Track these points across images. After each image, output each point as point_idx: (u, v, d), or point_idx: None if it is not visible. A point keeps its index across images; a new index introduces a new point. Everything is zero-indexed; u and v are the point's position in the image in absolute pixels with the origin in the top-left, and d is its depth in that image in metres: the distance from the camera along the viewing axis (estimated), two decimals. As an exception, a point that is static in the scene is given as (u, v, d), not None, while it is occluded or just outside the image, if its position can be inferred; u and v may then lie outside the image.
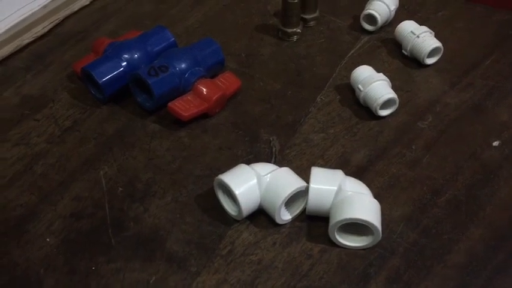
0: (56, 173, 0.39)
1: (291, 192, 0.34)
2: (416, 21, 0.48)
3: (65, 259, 0.34)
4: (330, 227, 0.33)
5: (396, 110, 0.43)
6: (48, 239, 0.35)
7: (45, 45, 0.50)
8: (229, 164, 0.38)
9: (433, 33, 0.47)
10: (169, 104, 0.41)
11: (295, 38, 0.50)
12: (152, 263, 0.34)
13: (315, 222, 0.35)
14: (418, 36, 0.46)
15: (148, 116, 0.43)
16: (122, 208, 0.37)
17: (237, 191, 0.34)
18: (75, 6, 0.54)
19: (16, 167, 0.39)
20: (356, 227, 0.33)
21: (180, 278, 0.33)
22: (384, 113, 0.42)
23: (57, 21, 0.52)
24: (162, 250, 0.34)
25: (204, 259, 0.34)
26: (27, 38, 0.50)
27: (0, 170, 0.39)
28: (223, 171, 0.36)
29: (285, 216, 0.35)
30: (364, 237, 0.34)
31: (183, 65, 0.43)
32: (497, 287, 0.32)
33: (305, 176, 0.36)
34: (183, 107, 0.42)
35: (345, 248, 0.34)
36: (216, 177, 0.36)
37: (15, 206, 0.37)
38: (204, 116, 0.42)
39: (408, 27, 0.47)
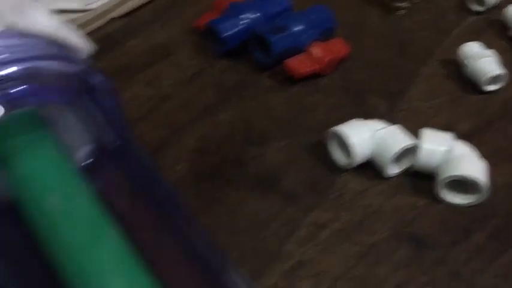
0: (181, 114, 0.43)
1: (403, 147, 0.37)
2: (525, 5, 0.49)
3: (193, 186, 0.38)
4: (438, 181, 0.36)
5: (503, 86, 0.44)
6: (179, 167, 0.39)
7: (169, 1, 0.54)
8: (339, 121, 0.40)
9: (544, 16, 0.48)
10: (286, 61, 0.45)
11: (402, 12, 0.52)
12: (269, 196, 0.37)
13: (420, 179, 0.38)
14: (528, 19, 0.47)
15: (263, 72, 0.47)
16: (241, 149, 0.41)
17: (351, 141, 0.37)
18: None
19: (148, 105, 0.44)
20: (461, 185, 0.36)
21: (294, 211, 0.36)
22: (491, 88, 0.44)
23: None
24: (278, 187, 0.38)
25: (316, 199, 0.37)
26: (153, -6, 0.55)
27: (136, 105, 0.44)
28: (333, 126, 0.39)
29: (394, 169, 0.38)
30: (468, 196, 0.36)
31: (299, 28, 0.46)
32: None
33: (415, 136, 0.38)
34: (297, 65, 0.45)
35: (448, 205, 0.37)
36: (331, 129, 0.39)
37: (148, 139, 0.42)
38: (315, 76, 0.46)
39: (518, 9, 0.48)
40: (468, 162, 0.36)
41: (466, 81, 0.45)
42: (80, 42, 0.31)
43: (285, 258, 0.34)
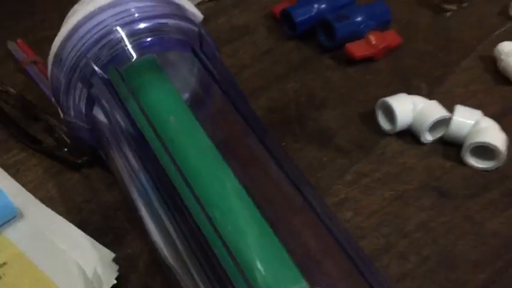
0: (257, 80, 0.53)
1: (438, 118, 0.45)
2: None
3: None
4: (463, 147, 0.44)
5: (530, 81, 0.52)
6: (253, 119, 0.49)
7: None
8: (386, 96, 0.49)
9: None
10: (347, 44, 0.54)
11: (449, 14, 0.60)
12: (324, 149, 0.47)
13: (450, 146, 0.46)
14: (561, 26, 0.54)
15: (325, 53, 0.56)
16: (303, 111, 0.50)
17: (396, 110, 0.46)
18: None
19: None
20: (484, 153, 0.44)
21: (344, 162, 0.45)
22: (520, 80, 0.51)
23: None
24: (332, 143, 0.47)
25: (362, 154, 0.46)
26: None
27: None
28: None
29: (428, 137, 0.46)
30: (489, 162, 0.44)
31: (360, 18, 0.55)
32: None
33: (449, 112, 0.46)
34: (356, 49, 0.54)
35: (471, 168, 0.44)
36: (381, 99, 0.47)
37: (229, 95, 0.52)
38: (370, 59, 0.54)
39: (554, 17, 0.55)
40: (490, 133, 0.43)
41: (500, 75, 0.53)
42: (193, 8, 0.42)
43: (334, 195, 0.43)
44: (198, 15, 0.42)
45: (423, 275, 0.38)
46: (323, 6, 0.57)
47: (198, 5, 0.62)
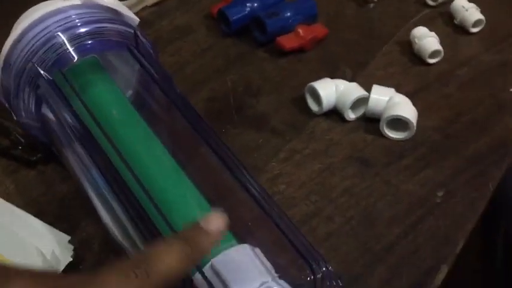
0: (198, 74, 0.58)
1: (357, 97, 0.51)
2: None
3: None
4: (381, 121, 0.50)
5: (441, 60, 0.58)
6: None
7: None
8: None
9: (479, 9, 0.61)
10: (278, 38, 0.59)
11: (371, 5, 0.66)
12: (260, 132, 0.52)
13: (371, 122, 0.52)
14: (467, 10, 0.61)
15: (260, 47, 0.61)
16: (241, 99, 0.55)
17: (322, 92, 0.51)
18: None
19: (173, 68, 0.58)
20: (399, 124, 0.50)
21: (278, 142, 0.51)
22: (432, 61, 0.58)
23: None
24: (268, 125, 0.52)
25: (294, 134, 0.51)
26: (176, -12, 0.69)
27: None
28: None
29: (351, 115, 0.52)
30: (403, 132, 0.50)
31: (289, 13, 0.60)
32: (491, 171, 0.47)
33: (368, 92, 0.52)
34: (286, 41, 0.59)
35: (389, 139, 0.50)
36: (308, 84, 0.53)
37: (173, 90, 0.56)
38: (300, 50, 0.60)
39: (460, 3, 0.62)
40: (403, 107, 0.49)
41: (415, 56, 0.59)
42: (129, 13, 0.46)
43: (269, 172, 0.48)
44: (134, 19, 0.46)
45: (346, 233, 0.43)
46: (255, 5, 0.62)
47: (142, 10, 0.67)
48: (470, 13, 0.61)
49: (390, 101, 0.50)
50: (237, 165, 0.39)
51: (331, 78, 0.56)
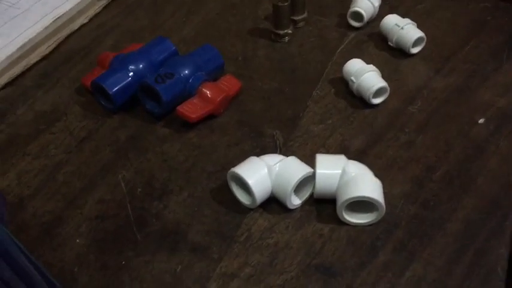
0: (77, 180, 0.42)
1: (300, 178, 0.37)
2: (398, 15, 0.52)
3: (96, 257, 0.36)
4: (337, 206, 0.37)
5: (388, 97, 0.46)
6: (78, 240, 0.37)
7: (52, 64, 0.52)
8: (239, 159, 0.41)
9: (416, 24, 0.50)
10: (178, 107, 0.44)
11: (286, 39, 0.53)
12: (177, 253, 0.36)
13: (323, 205, 0.38)
14: (402, 28, 0.50)
15: (158, 122, 0.46)
16: (143, 206, 0.39)
17: (250, 181, 0.37)
18: (75, 25, 0.57)
19: (39, 178, 0.42)
20: (361, 205, 0.36)
21: (204, 265, 0.36)
22: (377, 101, 0.45)
23: (60, 40, 0.55)
24: (185, 241, 0.37)
25: (224, 246, 0.37)
26: (34, 58, 0.53)
27: (25, 181, 0.42)
28: (233, 166, 0.39)
29: (295, 201, 0.38)
30: (369, 214, 0.37)
31: (187, 71, 0.46)
32: (493, 247, 0.35)
33: (310, 163, 0.39)
34: (190, 109, 0.45)
35: (352, 226, 0.37)
36: (230, 171, 0.38)
37: (43, 213, 0.39)
38: (210, 117, 0.45)
39: (392, 21, 0.51)
40: (363, 183, 0.36)
41: (355, 97, 0.47)
42: None
43: (199, 316, 0.33)
44: None
45: None
46: (141, 66, 0.47)
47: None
48: (407, 31, 0.50)
49: (344, 175, 0.37)
50: None
51: (258, 146, 0.43)
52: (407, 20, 0.50)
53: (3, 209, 0.38)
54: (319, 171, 0.37)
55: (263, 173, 0.38)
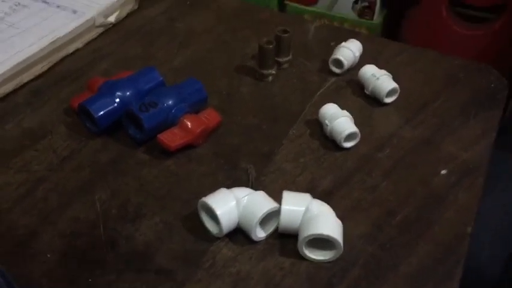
0: (55, 197, 0.43)
1: (265, 212, 0.39)
2: (378, 65, 0.55)
3: (64, 272, 0.38)
4: (298, 242, 0.38)
5: (358, 142, 0.49)
6: (49, 255, 0.39)
7: (44, 83, 0.55)
8: (212, 188, 0.43)
9: (391, 75, 0.54)
10: (159, 135, 0.47)
11: (270, 78, 0.56)
12: (142, 275, 0.38)
13: (286, 239, 0.40)
14: (378, 78, 0.53)
15: (139, 147, 0.48)
16: (115, 228, 0.41)
17: (219, 211, 0.39)
18: (70, 49, 0.59)
19: (19, 192, 0.44)
20: (322, 242, 0.38)
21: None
22: (348, 145, 0.48)
23: (54, 62, 0.57)
24: (152, 264, 0.39)
25: (188, 271, 0.38)
26: (27, 77, 0.55)
27: (5, 194, 0.43)
28: (206, 195, 0.41)
29: (260, 233, 0.40)
30: (328, 252, 0.39)
31: (170, 102, 0.48)
32: (442, 293, 0.37)
33: (278, 199, 0.41)
34: (171, 138, 0.47)
35: (312, 261, 0.39)
36: (200, 200, 0.40)
37: (18, 226, 0.41)
38: (189, 146, 0.48)
39: (369, 71, 0.54)
40: (324, 222, 0.38)
41: (328, 140, 0.49)
42: None
43: (157, 338, 0.35)
44: None
45: None
46: (128, 93, 0.49)
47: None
48: (382, 82, 0.53)
49: (307, 212, 0.39)
50: None
51: (231, 178, 0.45)
52: (383, 72, 0.53)
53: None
54: (285, 207, 0.39)
55: (231, 205, 0.40)
